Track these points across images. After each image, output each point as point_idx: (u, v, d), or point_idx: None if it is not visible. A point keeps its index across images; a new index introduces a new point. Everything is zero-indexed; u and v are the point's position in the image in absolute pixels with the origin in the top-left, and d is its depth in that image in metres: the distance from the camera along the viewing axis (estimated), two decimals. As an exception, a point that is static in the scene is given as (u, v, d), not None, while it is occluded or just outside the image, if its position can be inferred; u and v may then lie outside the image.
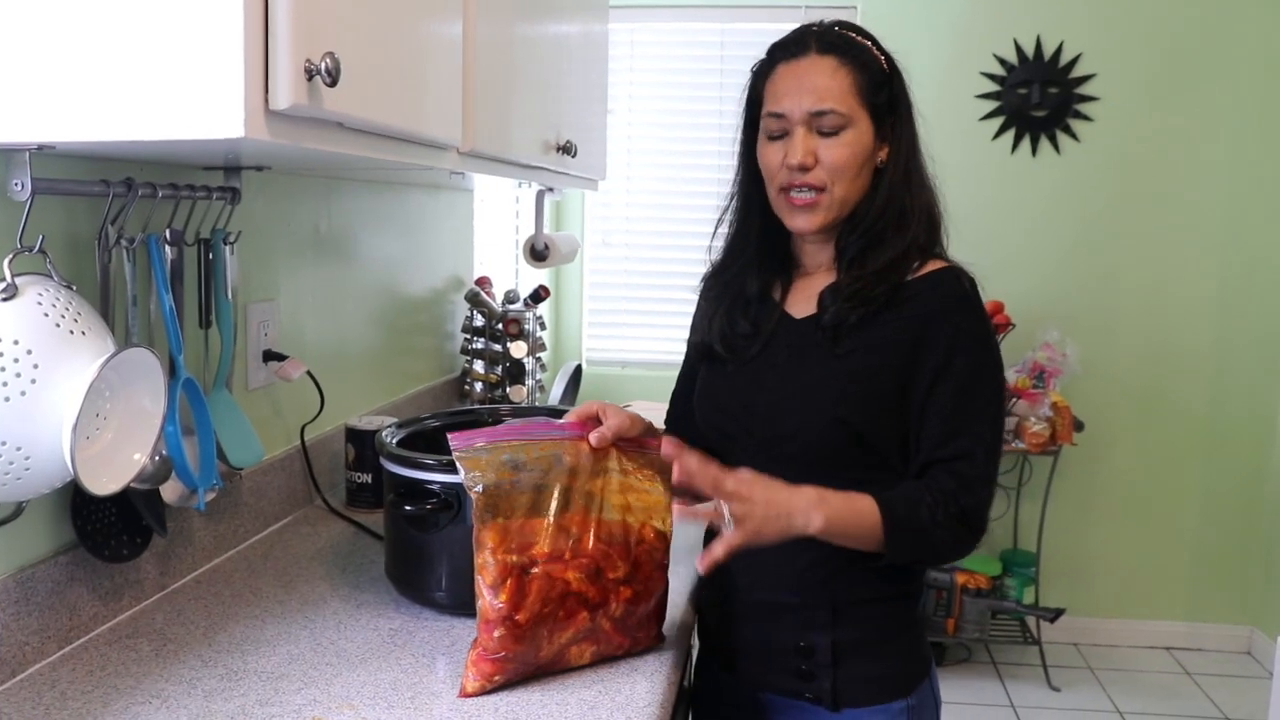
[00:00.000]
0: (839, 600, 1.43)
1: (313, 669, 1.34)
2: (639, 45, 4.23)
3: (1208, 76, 3.94)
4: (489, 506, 1.27)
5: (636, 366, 4.35)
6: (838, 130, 1.40)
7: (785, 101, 1.42)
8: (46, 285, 1.16)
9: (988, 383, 1.42)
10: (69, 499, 1.38)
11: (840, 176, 1.41)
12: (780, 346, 1.48)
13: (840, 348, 1.41)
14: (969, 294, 1.43)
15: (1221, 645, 4.15)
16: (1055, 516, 4.08)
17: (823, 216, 1.43)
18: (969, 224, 3.91)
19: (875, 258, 1.43)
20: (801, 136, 1.41)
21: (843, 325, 1.41)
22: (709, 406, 1.55)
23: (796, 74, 1.42)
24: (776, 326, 1.49)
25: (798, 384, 1.44)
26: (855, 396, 1.39)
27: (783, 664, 1.47)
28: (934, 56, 4.01)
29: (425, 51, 1.37)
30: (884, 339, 1.40)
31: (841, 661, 1.44)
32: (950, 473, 1.38)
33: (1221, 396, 4.08)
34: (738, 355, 1.50)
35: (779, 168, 1.43)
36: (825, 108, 1.40)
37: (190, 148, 1.22)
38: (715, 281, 1.58)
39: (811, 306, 1.47)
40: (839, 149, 1.40)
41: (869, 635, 1.45)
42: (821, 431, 1.40)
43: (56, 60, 0.99)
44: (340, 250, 2.20)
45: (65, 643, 1.38)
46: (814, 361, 1.44)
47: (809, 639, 1.44)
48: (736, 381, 1.50)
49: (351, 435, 2.05)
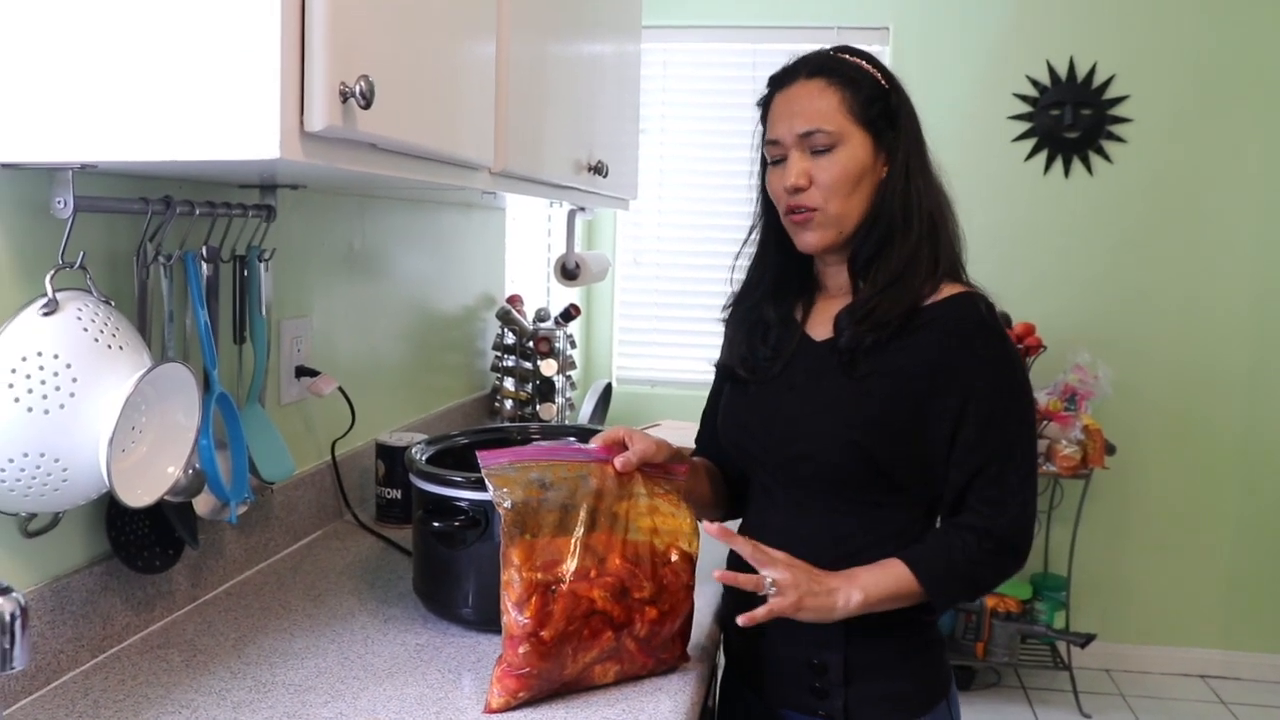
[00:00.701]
0: (852, 618, 1.40)
1: (340, 682, 1.35)
2: (672, 65, 4.26)
3: (1240, 97, 3.92)
4: (516, 523, 1.28)
5: (666, 385, 4.36)
6: (829, 148, 1.42)
7: (778, 127, 1.46)
8: (86, 301, 1.19)
9: (1015, 405, 1.42)
10: (104, 510, 1.40)
11: (834, 193, 1.42)
12: (799, 369, 1.49)
13: (856, 371, 1.42)
14: (985, 318, 1.42)
15: (1259, 674, 4.09)
16: (1086, 540, 4.04)
17: (821, 234, 1.45)
18: (1001, 245, 3.97)
19: (883, 267, 1.43)
20: (795, 159, 1.43)
21: (858, 349, 1.42)
22: (731, 426, 1.56)
23: (787, 100, 1.46)
24: (796, 348, 1.50)
25: (813, 406, 1.45)
26: (869, 420, 1.40)
27: (798, 680, 1.47)
28: (967, 78, 4.01)
29: (458, 73, 1.39)
30: (901, 365, 1.40)
31: (853, 680, 1.44)
32: (984, 501, 1.40)
33: (1257, 420, 4.03)
34: (759, 376, 1.52)
35: (781, 192, 1.46)
36: (812, 127, 1.42)
37: (227, 167, 1.25)
38: (736, 309, 1.60)
39: (830, 329, 1.48)
40: (831, 167, 1.42)
41: (883, 654, 1.45)
42: (836, 454, 1.41)
43: (99, 83, 1.02)
44: (373, 267, 2.22)
45: (98, 651, 1.40)
46: (830, 384, 1.44)
47: (822, 656, 1.45)
48: (756, 402, 1.52)
49: (382, 451, 2.07)
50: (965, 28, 4.02)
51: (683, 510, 1.40)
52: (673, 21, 4.13)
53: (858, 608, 1.34)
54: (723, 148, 4.21)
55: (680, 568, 1.37)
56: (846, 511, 1.44)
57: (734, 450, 1.57)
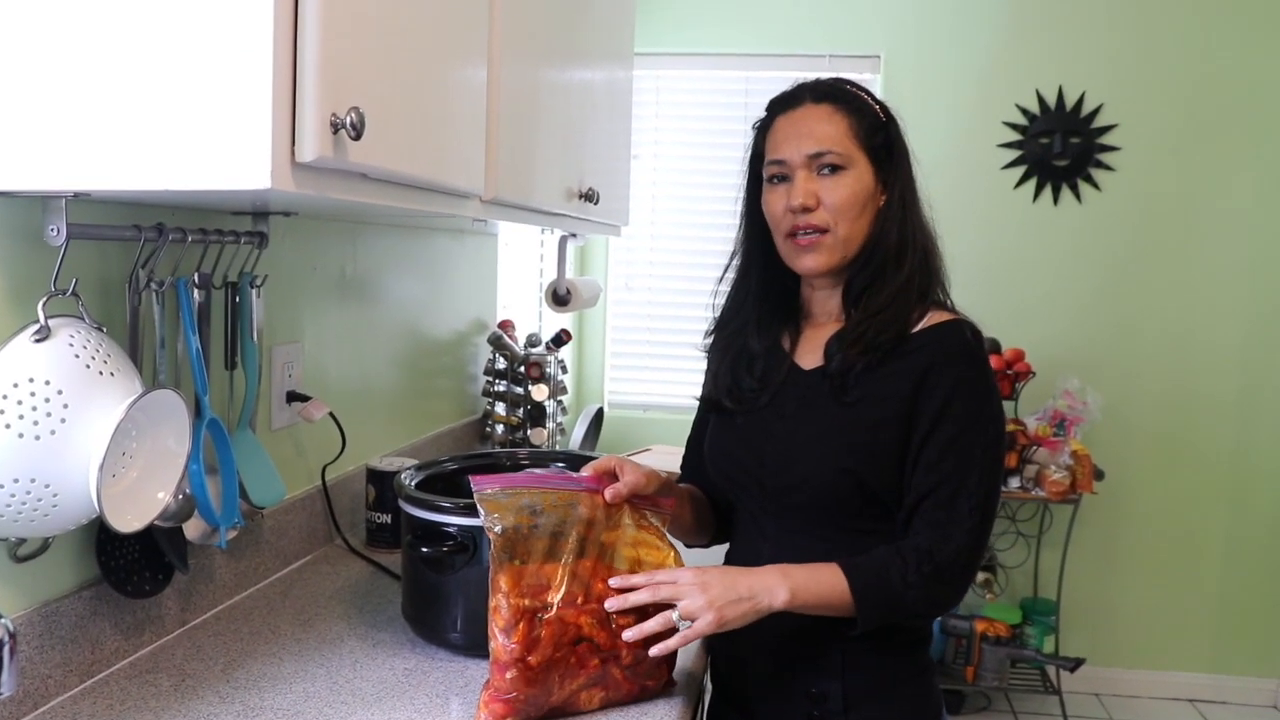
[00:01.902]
0: (849, 646, 1.42)
1: (328, 707, 1.36)
2: (664, 93, 4.28)
3: (1229, 126, 3.95)
4: (506, 549, 1.29)
5: (658, 410, 4.37)
6: (837, 170, 1.44)
7: (785, 148, 1.46)
8: (78, 327, 1.20)
9: (982, 432, 1.40)
10: (94, 535, 1.40)
11: (843, 216, 1.44)
12: (789, 398, 1.49)
13: (848, 397, 1.43)
14: (970, 345, 1.43)
15: (1247, 698, 4.10)
16: (1076, 565, 4.05)
17: (827, 256, 1.45)
18: (990, 272, 3.99)
19: (876, 294, 1.45)
20: (802, 179, 1.44)
21: (849, 373, 1.42)
22: (720, 456, 1.57)
23: (794, 122, 1.47)
24: (785, 377, 1.51)
25: (806, 434, 1.46)
26: (861, 447, 1.41)
27: (795, 709, 1.47)
28: (956, 106, 4.04)
29: (449, 102, 1.41)
30: (889, 391, 1.41)
31: (852, 708, 1.44)
32: (930, 524, 1.37)
33: (1245, 446, 4.05)
34: (746, 407, 1.52)
35: (783, 213, 1.46)
36: (823, 149, 1.43)
37: (219, 196, 1.26)
38: (719, 336, 1.61)
39: (819, 358, 1.49)
40: (840, 189, 1.43)
41: (880, 680, 1.46)
42: (829, 481, 1.42)
43: (93, 113, 1.04)
44: (365, 293, 2.23)
45: (87, 676, 1.40)
46: (821, 412, 1.45)
47: (820, 685, 1.45)
48: (746, 432, 1.52)
49: (372, 476, 2.08)
50: (955, 56, 4.05)
51: (665, 544, 1.41)
52: (665, 49, 4.16)
53: (783, 606, 1.31)
54: (715, 174, 4.23)
55: None
56: (836, 540, 1.43)
57: (722, 480, 1.57)
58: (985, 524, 1.38)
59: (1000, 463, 1.44)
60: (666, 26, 4.13)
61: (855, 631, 1.36)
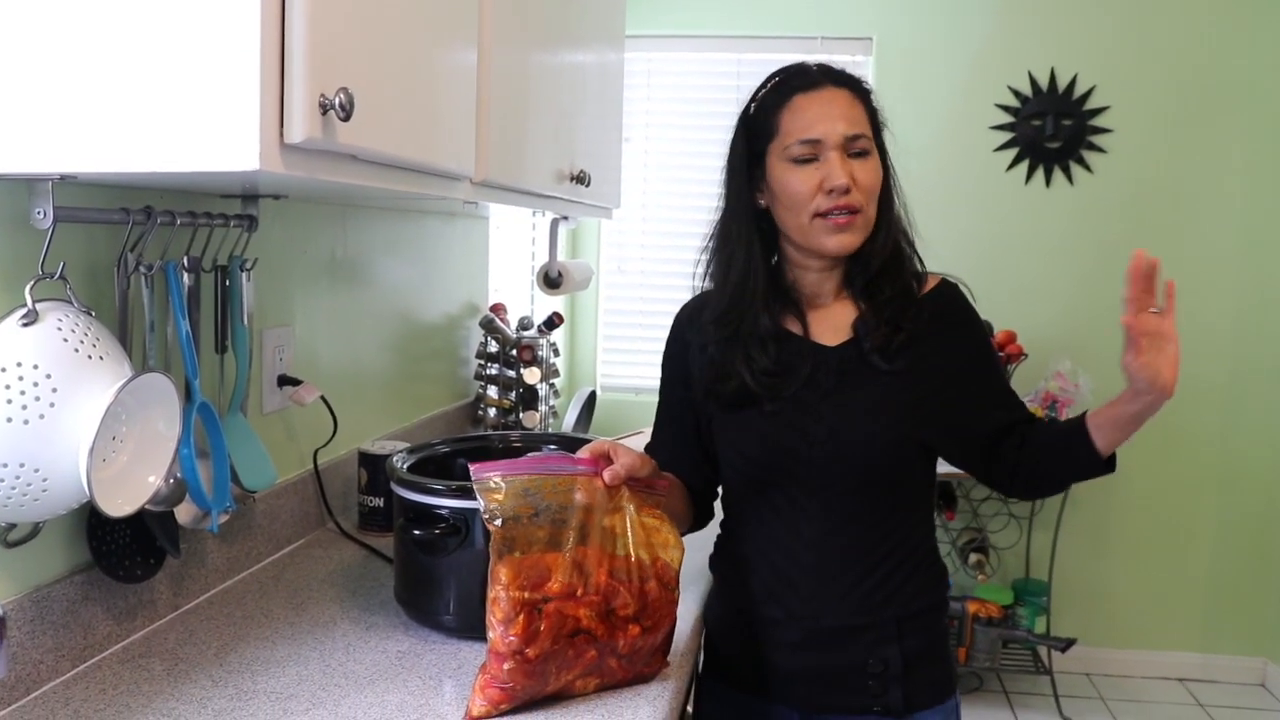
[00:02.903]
0: (902, 614, 1.51)
1: (321, 690, 1.36)
2: (656, 75, 4.27)
3: (1221, 109, 3.96)
4: (506, 540, 1.28)
5: (650, 393, 4.32)
6: (866, 154, 1.48)
7: (819, 126, 1.46)
8: (66, 311, 1.19)
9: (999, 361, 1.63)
10: (85, 520, 1.40)
11: (871, 198, 1.49)
12: (825, 375, 1.51)
13: (892, 365, 1.49)
14: (965, 297, 1.59)
15: (1235, 677, 4.13)
16: (1067, 546, 4.07)
17: (859, 236, 1.49)
18: (983, 254, 4.00)
19: (886, 286, 1.52)
20: (838, 160, 1.45)
21: (888, 348, 1.49)
22: (752, 447, 1.53)
23: (824, 102, 1.48)
24: (811, 358, 1.52)
25: (859, 406, 1.49)
26: (920, 408, 1.49)
27: (854, 684, 1.51)
28: (948, 88, 4.03)
29: (439, 84, 1.40)
30: (924, 351, 1.50)
31: (910, 670, 1.51)
32: (1029, 423, 1.56)
33: (1235, 428, 4.07)
34: (774, 392, 1.51)
35: (813, 192, 1.46)
36: (857, 132, 1.47)
37: (208, 178, 1.25)
38: (724, 325, 1.55)
39: (840, 334, 1.53)
40: (871, 172, 1.48)
41: (929, 642, 1.54)
42: (892, 447, 1.48)
43: (79, 95, 1.03)
44: (356, 276, 2.23)
45: (79, 661, 1.40)
46: (868, 382, 1.50)
47: (879, 654, 1.50)
48: (784, 417, 1.50)
49: (364, 459, 2.08)
50: (947, 38, 4.04)
51: (666, 524, 1.40)
52: (657, 31, 4.14)
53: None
54: (707, 156, 4.18)
55: (665, 582, 1.37)
56: (881, 508, 1.51)
57: (752, 471, 1.54)
58: None
59: None
60: (658, 8, 4.12)
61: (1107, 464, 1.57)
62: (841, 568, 1.50)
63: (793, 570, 1.52)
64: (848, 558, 1.50)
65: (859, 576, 1.50)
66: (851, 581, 1.50)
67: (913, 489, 1.55)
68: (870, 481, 1.49)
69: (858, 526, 1.50)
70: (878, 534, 1.51)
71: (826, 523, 1.50)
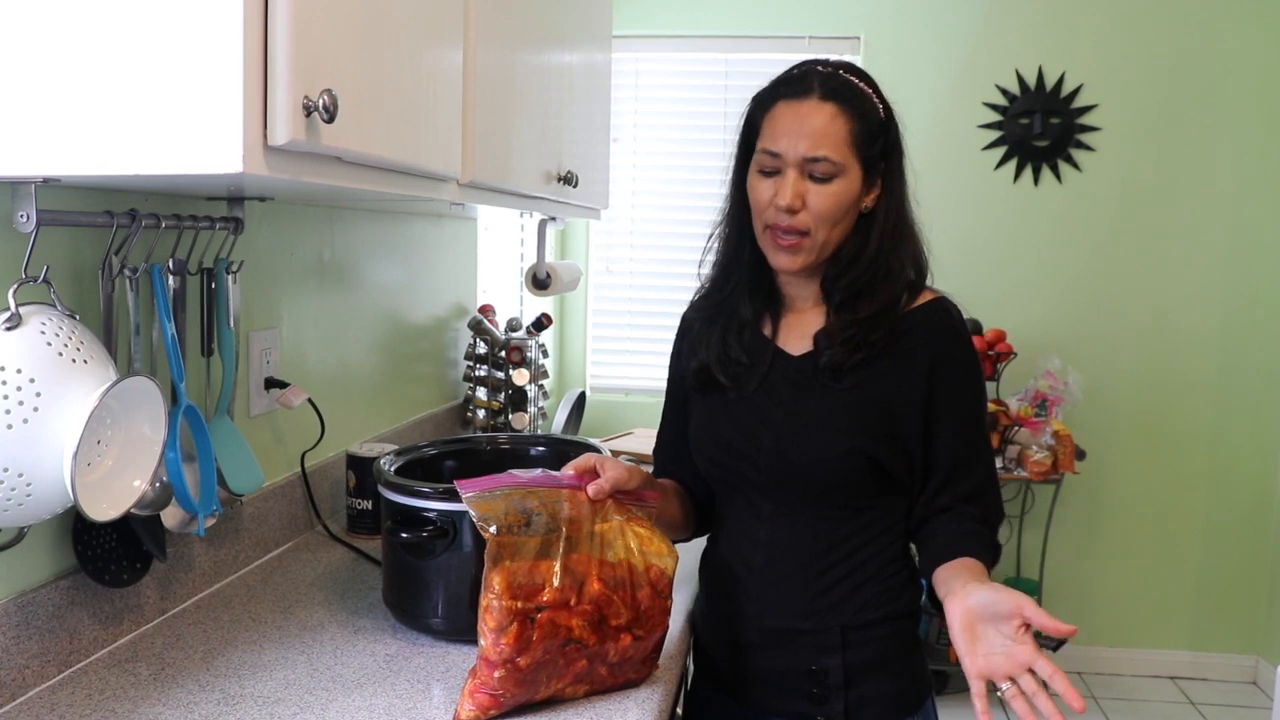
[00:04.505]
0: (848, 623, 1.47)
1: (309, 694, 1.35)
2: (644, 75, 4.27)
3: (1209, 107, 3.97)
4: (500, 548, 1.27)
5: (640, 394, 4.37)
6: (829, 178, 1.42)
7: (782, 141, 1.43)
8: (50, 314, 1.18)
9: (982, 407, 1.52)
10: (70, 524, 1.39)
11: (824, 222, 1.43)
12: (781, 383, 1.50)
13: (843, 383, 1.45)
14: (959, 324, 1.50)
15: (1226, 675, 4.14)
16: (1058, 545, 4.08)
17: (804, 259, 1.46)
18: (971, 253, 4.00)
19: (863, 306, 1.46)
20: (793, 179, 1.42)
21: (841, 367, 1.45)
22: (710, 439, 1.55)
23: (797, 115, 1.43)
24: (773, 362, 1.51)
25: (809, 416, 1.47)
26: (868, 423, 1.44)
27: (795, 688, 1.49)
28: (936, 87, 4.04)
29: (425, 84, 1.39)
30: (885, 369, 1.45)
31: (853, 683, 1.47)
32: (974, 503, 1.48)
33: (1225, 425, 4.08)
34: (738, 385, 1.52)
35: (767, 204, 1.45)
36: (820, 154, 1.41)
37: (192, 181, 1.25)
38: (709, 301, 1.59)
39: (805, 344, 1.50)
40: (827, 197, 1.42)
41: (878, 655, 1.49)
42: (838, 461, 1.44)
43: (63, 96, 1.02)
44: (343, 278, 2.22)
45: (65, 666, 1.39)
46: (820, 396, 1.47)
47: (820, 662, 1.47)
48: (739, 417, 1.51)
49: (353, 462, 2.07)
50: (935, 37, 4.05)
51: (657, 535, 1.39)
52: (644, 31, 4.14)
53: None
54: (695, 156, 4.22)
55: (659, 589, 1.37)
56: (834, 517, 1.47)
57: (711, 467, 1.56)
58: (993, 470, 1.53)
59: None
60: (645, 8, 4.12)
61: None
62: (790, 570, 1.49)
63: (746, 569, 1.52)
64: (797, 560, 1.48)
65: (806, 581, 1.48)
66: (798, 585, 1.48)
67: (869, 500, 1.48)
68: (818, 492, 1.47)
69: (808, 532, 1.48)
70: (826, 542, 1.48)
71: (776, 525, 1.50)
